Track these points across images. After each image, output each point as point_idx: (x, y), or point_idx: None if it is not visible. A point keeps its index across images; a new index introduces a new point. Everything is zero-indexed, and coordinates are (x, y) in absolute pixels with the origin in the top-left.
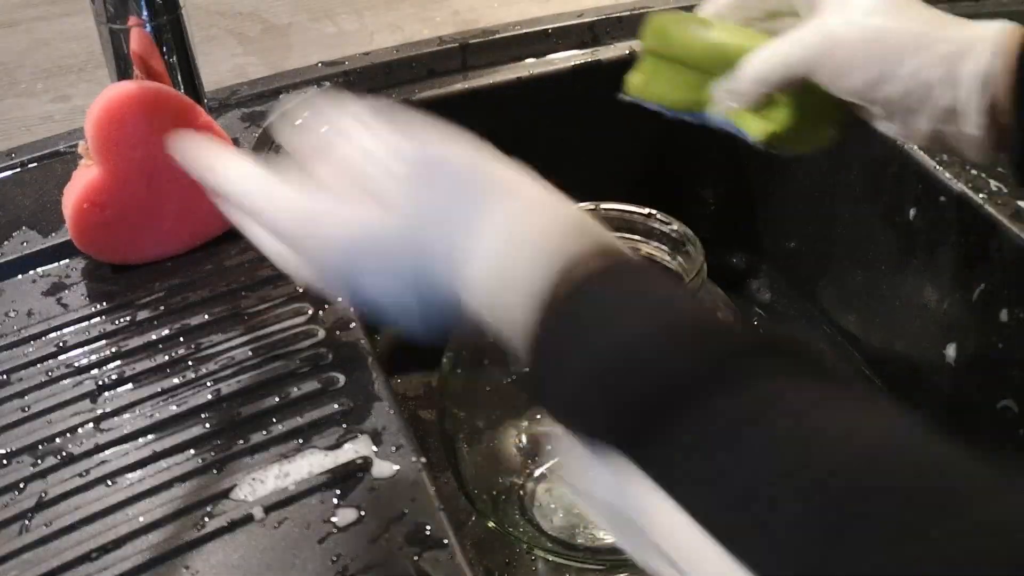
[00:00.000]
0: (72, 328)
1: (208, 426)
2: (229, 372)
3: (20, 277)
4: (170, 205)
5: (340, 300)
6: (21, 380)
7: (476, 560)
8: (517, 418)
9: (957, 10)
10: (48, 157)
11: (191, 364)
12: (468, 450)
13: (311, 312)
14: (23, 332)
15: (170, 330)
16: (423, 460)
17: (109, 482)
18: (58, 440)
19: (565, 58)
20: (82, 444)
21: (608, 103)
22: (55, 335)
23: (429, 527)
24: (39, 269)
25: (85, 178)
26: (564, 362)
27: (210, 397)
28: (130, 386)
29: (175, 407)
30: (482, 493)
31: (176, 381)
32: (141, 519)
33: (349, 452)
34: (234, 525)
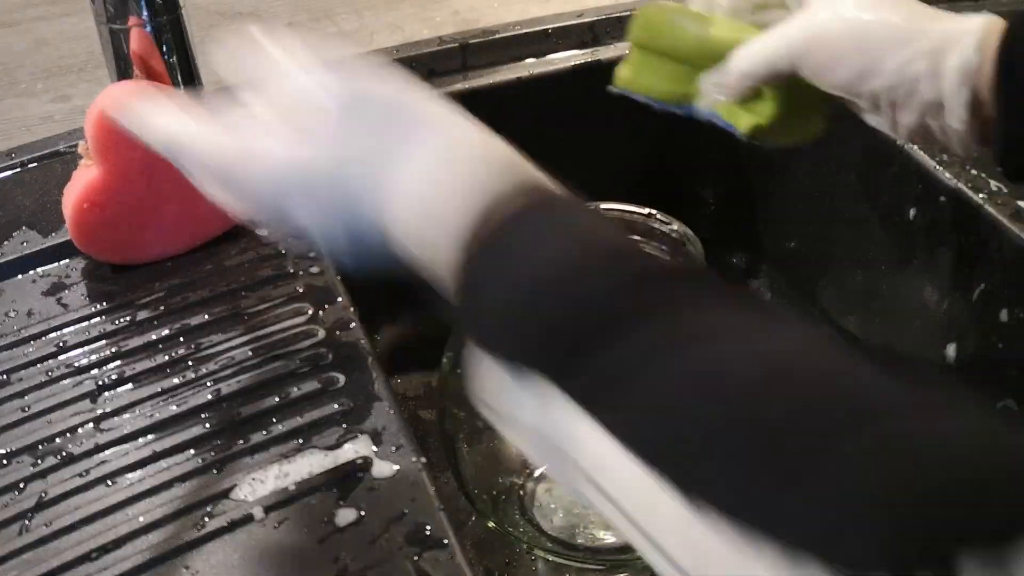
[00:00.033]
0: (72, 328)
1: (208, 426)
2: (229, 372)
3: (20, 277)
4: (170, 205)
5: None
6: (21, 380)
7: (476, 560)
8: None
9: (957, 10)
10: (48, 157)
11: (191, 364)
12: (468, 450)
13: (311, 312)
14: (23, 332)
15: (170, 330)
16: (423, 460)
17: (109, 482)
18: (58, 440)
19: (565, 58)
20: (82, 444)
21: (608, 103)
22: (55, 335)
23: (429, 527)
24: (39, 269)
25: (85, 178)
26: (487, 292)
27: (210, 397)
28: (130, 386)
29: (175, 407)
30: (482, 493)
31: (176, 381)
32: (141, 519)
33: (349, 452)
34: (234, 525)
